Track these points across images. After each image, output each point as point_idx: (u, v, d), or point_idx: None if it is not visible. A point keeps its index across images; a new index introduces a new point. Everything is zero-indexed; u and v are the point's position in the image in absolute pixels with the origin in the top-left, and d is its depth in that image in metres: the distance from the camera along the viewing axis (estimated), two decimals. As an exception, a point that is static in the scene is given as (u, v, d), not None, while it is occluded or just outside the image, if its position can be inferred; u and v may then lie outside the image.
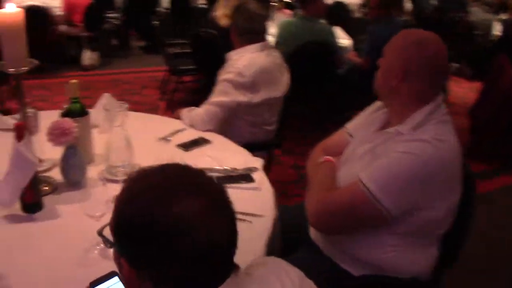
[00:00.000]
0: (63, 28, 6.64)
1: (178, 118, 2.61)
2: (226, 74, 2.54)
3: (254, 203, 1.83)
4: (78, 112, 2.07)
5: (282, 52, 4.19)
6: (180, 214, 0.84)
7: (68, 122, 1.87)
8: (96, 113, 2.27)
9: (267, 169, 2.93)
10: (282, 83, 2.70)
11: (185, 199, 0.86)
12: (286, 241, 1.86)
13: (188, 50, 5.08)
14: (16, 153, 1.67)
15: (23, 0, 6.08)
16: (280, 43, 4.28)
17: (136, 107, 5.50)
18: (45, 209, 1.81)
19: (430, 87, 1.53)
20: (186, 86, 5.76)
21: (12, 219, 1.74)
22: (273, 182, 2.01)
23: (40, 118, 2.12)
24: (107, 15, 7.17)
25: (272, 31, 4.54)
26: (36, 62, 1.70)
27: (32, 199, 1.75)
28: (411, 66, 1.51)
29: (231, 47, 2.67)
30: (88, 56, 6.75)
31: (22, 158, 1.66)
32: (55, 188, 1.93)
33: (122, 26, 7.56)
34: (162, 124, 2.58)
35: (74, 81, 2.05)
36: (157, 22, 5.59)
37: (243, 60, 2.52)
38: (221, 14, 3.85)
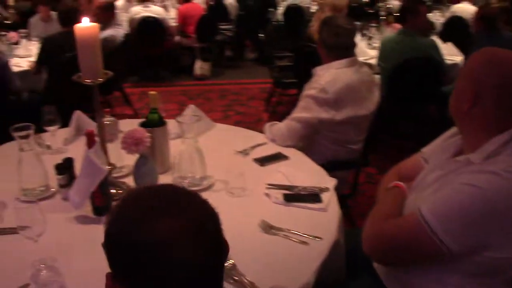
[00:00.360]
0: (177, 38, 6.98)
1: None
2: (309, 90, 2.48)
3: (316, 225, 1.76)
4: (155, 122, 2.13)
5: (383, 69, 4.08)
6: (156, 236, 0.82)
7: (141, 131, 1.93)
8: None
9: (353, 188, 2.83)
10: (370, 101, 2.58)
11: (163, 221, 0.84)
12: (351, 266, 1.76)
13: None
14: (86, 159, 1.75)
15: (138, 12, 6.48)
16: (381, 60, 4.13)
17: (241, 118, 5.62)
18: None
19: (506, 113, 1.36)
20: (293, 99, 5.76)
21: (82, 220, 1.83)
22: (367, 200, 1.90)
23: (121, 126, 2.22)
24: (221, 26, 7.40)
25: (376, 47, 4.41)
26: (110, 73, 1.77)
27: (101, 203, 1.83)
28: (482, 88, 1.36)
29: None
30: (199, 66, 7.01)
31: (92, 164, 1.74)
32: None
33: (235, 37, 7.76)
34: (246, 137, 2.58)
35: (153, 92, 2.12)
36: (262, 35, 5.64)
37: (328, 75, 2.45)
38: (315, 28, 3.79)
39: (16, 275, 1.50)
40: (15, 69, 4.27)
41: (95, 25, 1.68)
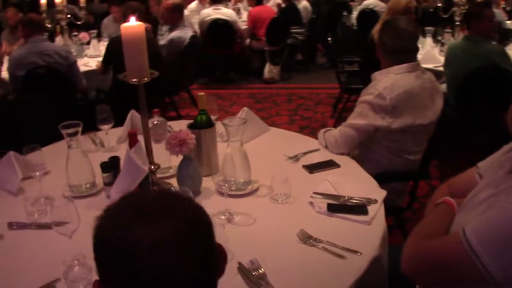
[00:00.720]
0: (248, 41, 7.00)
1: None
2: (366, 95, 2.37)
3: (358, 238, 1.66)
4: (204, 124, 2.11)
5: (447, 77, 3.86)
6: (137, 242, 0.77)
7: (185, 133, 1.91)
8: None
9: (410, 201, 2.68)
10: (431, 110, 2.42)
11: (147, 229, 0.79)
12: (394, 285, 1.65)
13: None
14: (127, 159, 1.75)
15: (209, 14, 6.55)
16: (446, 67, 3.90)
17: (306, 123, 5.55)
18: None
19: None
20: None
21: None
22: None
23: (177, 127, 2.21)
24: (293, 30, 7.34)
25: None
26: (156, 73, 1.75)
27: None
28: None
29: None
30: (268, 70, 7.00)
31: (132, 164, 1.74)
32: (172, 195, 1.98)
33: (306, 41, 7.68)
34: (299, 142, 2.51)
35: (202, 94, 2.10)
36: (329, 39, 5.53)
37: (386, 81, 2.33)
38: (376, 30, 3.64)
39: (48, 270, 1.52)
40: (84, 68, 4.45)
41: (141, 24, 1.68)
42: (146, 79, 1.75)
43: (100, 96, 4.31)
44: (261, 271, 1.47)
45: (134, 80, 1.74)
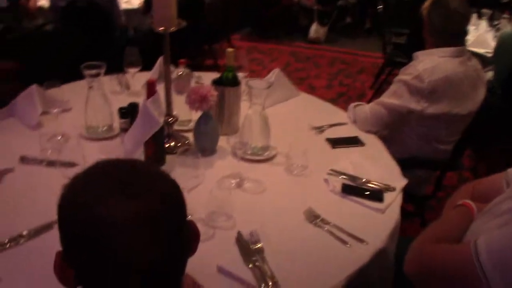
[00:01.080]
0: (297, -2, 6.80)
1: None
2: (403, 75, 2.24)
3: (367, 226, 1.59)
4: (229, 81, 2.04)
5: (497, 66, 3.63)
6: (100, 218, 0.72)
7: (207, 89, 1.85)
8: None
9: (434, 191, 2.57)
10: (472, 100, 2.27)
11: (115, 202, 0.73)
12: (400, 279, 1.59)
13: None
14: (143, 109, 1.70)
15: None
16: (495, 56, 3.68)
17: (344, 89, 5.40)
18: (166, 166, 1.83)
19: None
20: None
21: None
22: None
23: (206, 79, 2.14)
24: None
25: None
26: (184, 23, 1.68)
27: (153, 154, 1.79)
28: None
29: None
30: (315, 29, 6.80)
31: (147, 114, 1.69)
32: (186, 150, 1.94)
33: (357, 4, 7.39)
34: (328, 113, 2.41)
35: (230, 49, 2.01)
36: (380, 7, 5.28)
37: (427, 62, 2.19)
38: (426, 6, 3.43)
39: (51, 209, 1.50)
40: (126, 6, 4.37)
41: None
42: (173, 28, 1.68)
43: (138, 35, 4.25)
44: (259, 245, 1.42)
45: (161, 28, 1.67)
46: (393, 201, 1.72)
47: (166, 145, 1.90)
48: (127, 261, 0.71)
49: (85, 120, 1.98)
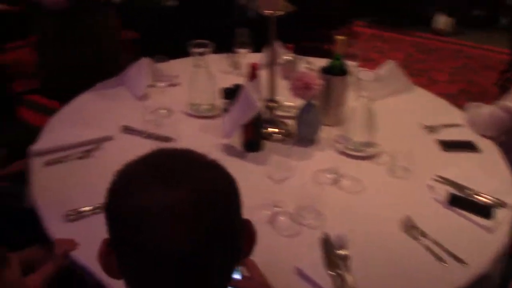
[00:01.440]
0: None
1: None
2: (535, 78, 2.00)
3: (470, 245, 1.43)
4: (337, 70, 1.94)
5: None
6: (137, 206, 0.70)
7: (312, 77, 1.77)
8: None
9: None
10: None
11: (149, 192, 0.71)
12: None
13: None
14: (243, 92, 1.67)
15: None
16: None
17: (466, 86, 5.05)
18: (262, 152, 1.80)
19: None
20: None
21: (227, 149, 1.79)
22: None
23: (309, 63, 2.07)
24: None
25: None
26: (292, 7, 1.61)
27: (251, 138, 1.76)
28: None
29: None
30: (443, 20, 6.40)
31: (247, 97, 1.66)
32: (285, 137, 1.89)
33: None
34: (443, 111, 2.22)
35: (341, 37, 1.90)
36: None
37: None
38: None
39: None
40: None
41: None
42: (281, 12, 1.61)
43: (257, 17, 4.21)
44: (345, 252, 1.33)
45: (268, 11, 1.62)
46: (505, 219, 1.54)
47: (265, 131, 1.86)
48: (158, 250, 0.69)
49: (189, 96, 1.99)
